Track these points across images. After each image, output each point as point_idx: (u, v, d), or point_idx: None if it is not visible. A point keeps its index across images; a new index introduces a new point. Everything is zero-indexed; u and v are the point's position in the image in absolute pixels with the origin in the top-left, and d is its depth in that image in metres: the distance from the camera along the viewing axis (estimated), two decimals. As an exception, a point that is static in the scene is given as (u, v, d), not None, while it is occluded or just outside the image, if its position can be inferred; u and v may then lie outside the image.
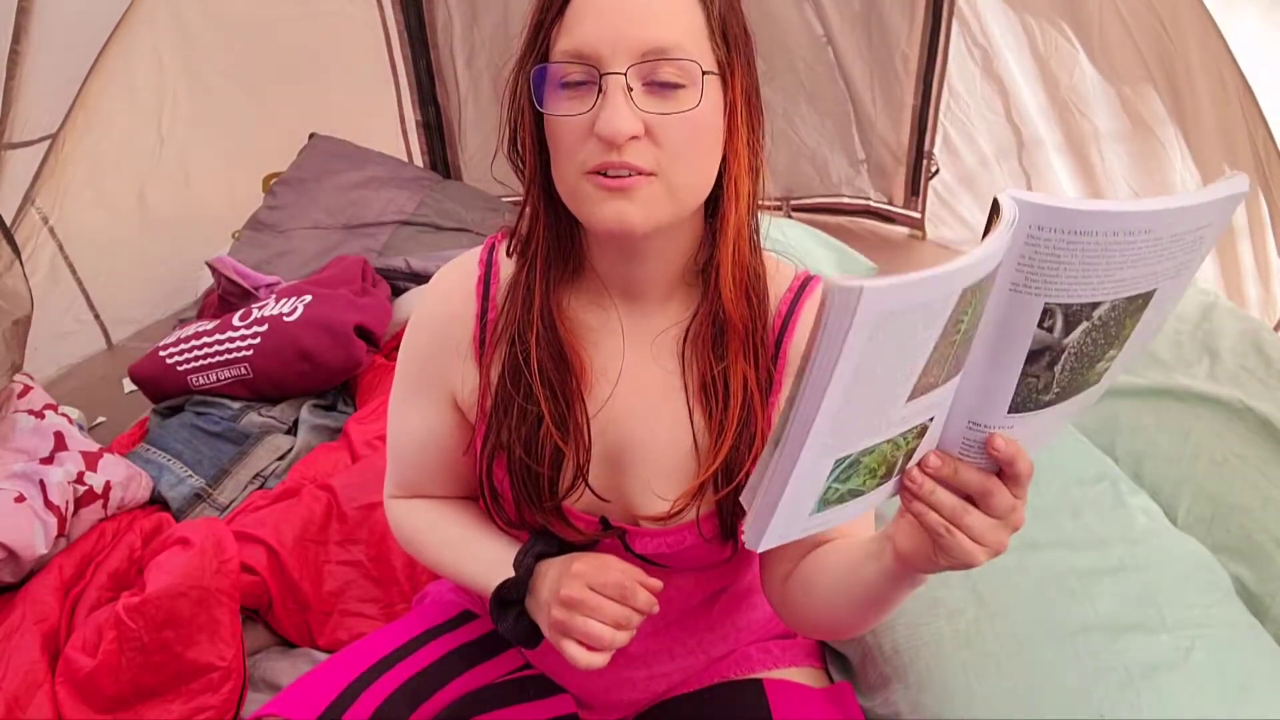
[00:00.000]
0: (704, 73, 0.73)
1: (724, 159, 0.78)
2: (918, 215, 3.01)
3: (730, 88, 0.76)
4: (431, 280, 0.93)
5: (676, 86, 0.72)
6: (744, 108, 0.77)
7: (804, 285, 0.87)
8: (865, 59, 2.84)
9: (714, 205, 0.81)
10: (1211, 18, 1.89)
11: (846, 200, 3.12)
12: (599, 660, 0.79)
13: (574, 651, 0.79)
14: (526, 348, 0.83)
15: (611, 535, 0.88)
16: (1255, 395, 1.38)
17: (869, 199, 3.09)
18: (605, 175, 0.72)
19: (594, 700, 1.03)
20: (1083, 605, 1.06)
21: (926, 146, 2.89)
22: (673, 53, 0.71)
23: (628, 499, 0.87)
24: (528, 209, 0.83)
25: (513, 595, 0.86)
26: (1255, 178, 1.92)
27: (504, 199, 2.97)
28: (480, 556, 0.92)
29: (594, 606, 0.79)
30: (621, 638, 0.80)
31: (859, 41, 2.81)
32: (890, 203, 3.07)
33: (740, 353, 0.83)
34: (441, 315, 0.90)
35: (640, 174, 0.72)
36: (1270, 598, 1.20)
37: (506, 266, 0.88)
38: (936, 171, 2.89)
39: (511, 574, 0.87)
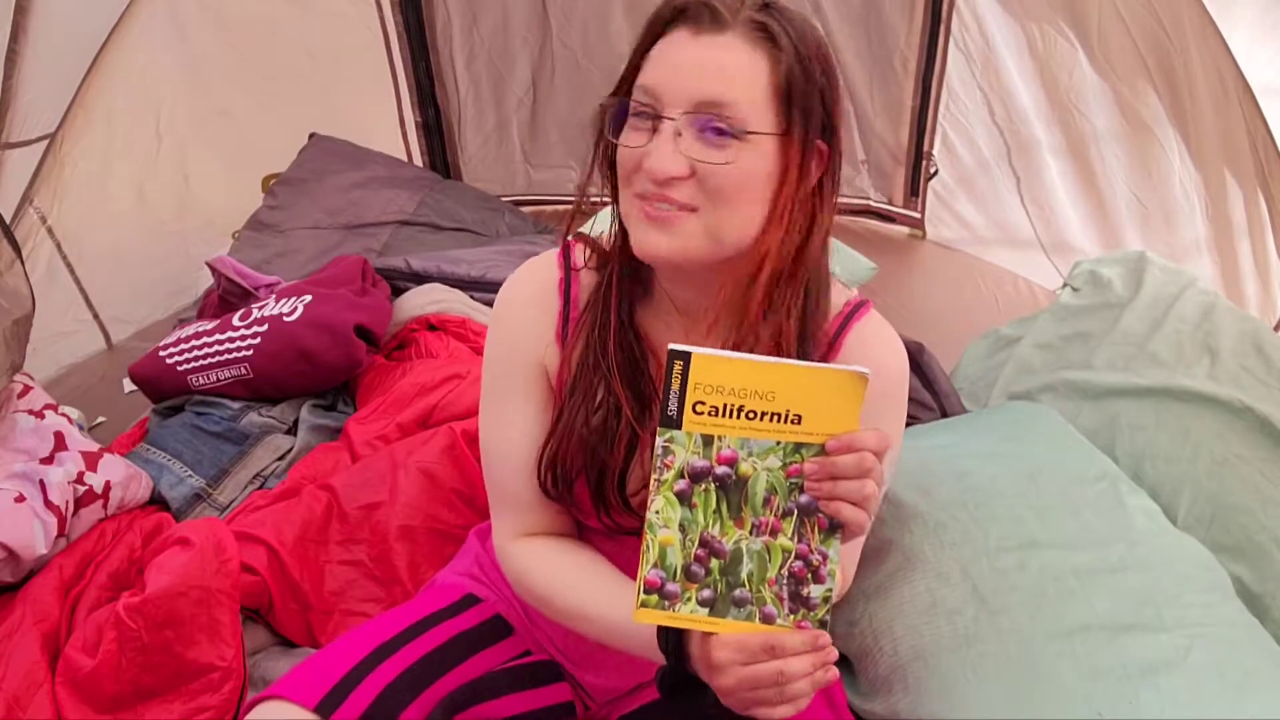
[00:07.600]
0: (748, 131, 0.77)
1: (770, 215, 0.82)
2: (918, 215, 3.02)
3: (787, 150, 0.80)
4: (507, 289, 0.96)
5: (727, 138, 0.78)
6: (797, 172, 0.80)
7: (854, 310, 0.91)
8: (864, 59, 2.85)
9: None
10: (1211, 18, 1.89)
11: (846, 200, 3.12)
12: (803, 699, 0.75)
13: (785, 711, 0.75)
14: (606, 349, 0.89)
15: None
16: (1255, 395, 1.39)
17: (869, 199, 3.10)
18: (648, 203, 0.80)
19: (603, 677, 1.05)
20: (1082, 605, 1.06)
21: (926, 147, 2.89)
22: (724, 109, 0.77)
23: None
24: (612, 226, 0.90)
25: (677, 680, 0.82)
26: (1255, 178, 1.92)
27: (504, 198, 2.97)
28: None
29: (763, 680, 0.74)
30: (820, 677, 0.75)
31: (858, 42, 2.82)
32: (890, 203, 3.08)
33: None
34: (527, 318, 0.94)
35: (682, 209, 0.79)
36: (1270, 598, 1.20)
37: (586, 271, 0.94)
38: (936, 172, 2.90)
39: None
